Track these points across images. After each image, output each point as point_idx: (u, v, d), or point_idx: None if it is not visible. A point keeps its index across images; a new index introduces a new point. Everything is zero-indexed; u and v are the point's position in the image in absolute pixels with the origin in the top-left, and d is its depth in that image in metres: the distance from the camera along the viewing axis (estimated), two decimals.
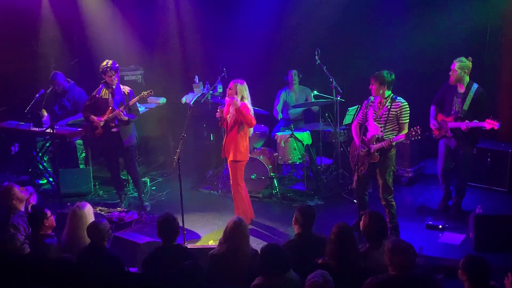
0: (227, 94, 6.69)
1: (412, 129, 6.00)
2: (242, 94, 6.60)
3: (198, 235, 6.88)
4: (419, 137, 6.11)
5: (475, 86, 6.62)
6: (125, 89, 7.39)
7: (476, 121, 6.43)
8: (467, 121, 6.45)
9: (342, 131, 8.01)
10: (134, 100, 7.26)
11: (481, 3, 7.94)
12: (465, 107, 6.59)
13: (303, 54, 8.67)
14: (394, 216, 6.44)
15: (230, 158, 6.71)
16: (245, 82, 6.68)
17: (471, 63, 6.59)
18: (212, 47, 9.35)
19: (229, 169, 6.84)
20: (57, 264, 2.36)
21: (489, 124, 6.33)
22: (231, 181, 6.85)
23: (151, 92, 7.26)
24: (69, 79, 8.34)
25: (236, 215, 5.29)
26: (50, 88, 8.04)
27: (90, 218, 5.57)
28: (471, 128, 6.48)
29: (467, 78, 6.62)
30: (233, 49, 8.97)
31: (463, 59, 6.59)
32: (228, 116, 6.69)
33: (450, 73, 6.62)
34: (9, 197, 5.93)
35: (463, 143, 6.74)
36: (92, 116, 7.28)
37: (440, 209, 7.18)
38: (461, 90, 6.67)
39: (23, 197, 6.07)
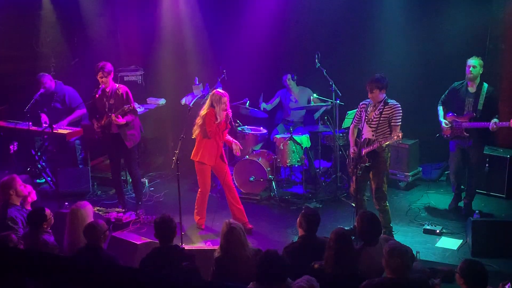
0: (228, 107, 6.76)
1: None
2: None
3: (195, 236, 6.88)
4: (400, 141, 6.16)
5: (485, 85, 6.65)
6: (120, 89, 7.09)
7: (497, 120, 6.45)
8: (495, 120, 6.45)
9: (341, 134, 8.01)
10: (117, 113, 6.96)
11: (481, 9, 7.96)
12: (480, 106, 6.61)
13: (303, 57, 8.68)
14: (388, 222, 6.41)
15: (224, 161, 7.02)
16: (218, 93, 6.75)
17: None
18: (212, 48, 9.35)
19: (228, 171, 7.01)
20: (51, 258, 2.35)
21: None
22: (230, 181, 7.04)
23: (130, 107, 7.02)
24: (56, 80, 8.22)
25: (231, 220, 5.06)
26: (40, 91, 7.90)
27: (88, 218, 5.55)
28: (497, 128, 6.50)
29: (479, 77, 6.65)
30: (233, 51, 8.98)
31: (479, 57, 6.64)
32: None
33: (471, 69, 6.61)
34: (8, 187, 5.91)
35: (477, 143, 6.78)
36: (94, 120, 7.23)
37: (450, 210, 7.20)
38: (473, 89, 6.68)
39: (22, 192, 6.04)
